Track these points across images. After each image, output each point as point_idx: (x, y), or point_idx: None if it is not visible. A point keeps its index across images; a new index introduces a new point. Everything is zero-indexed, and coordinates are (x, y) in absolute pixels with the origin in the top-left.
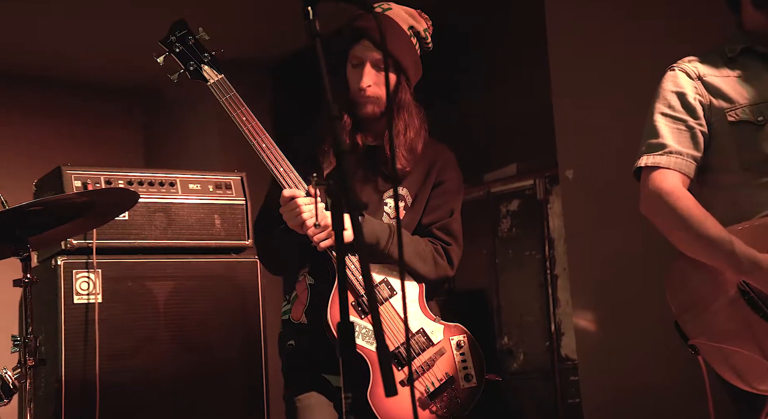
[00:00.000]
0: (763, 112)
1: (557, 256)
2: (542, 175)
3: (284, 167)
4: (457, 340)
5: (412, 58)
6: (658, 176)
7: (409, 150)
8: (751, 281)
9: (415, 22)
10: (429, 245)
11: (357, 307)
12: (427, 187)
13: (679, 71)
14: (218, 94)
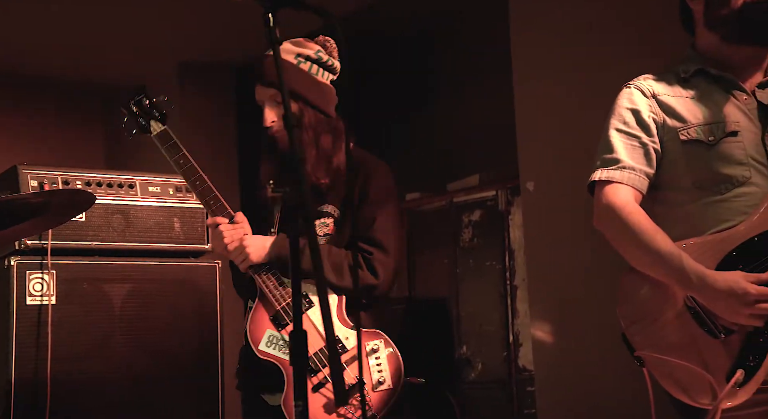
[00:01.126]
0: (714, 132)
1: (517, 267)
2: (504, 186)
3: (213, 197)
4: (372, 345)
5: (304, 82)
6: (611, 190)
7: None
8: (697, 296)
9: (302, 49)
10: (346, 258)
11: (274, 321)
12: (353, 200)
13: (635, 89)
14: (159, 143)
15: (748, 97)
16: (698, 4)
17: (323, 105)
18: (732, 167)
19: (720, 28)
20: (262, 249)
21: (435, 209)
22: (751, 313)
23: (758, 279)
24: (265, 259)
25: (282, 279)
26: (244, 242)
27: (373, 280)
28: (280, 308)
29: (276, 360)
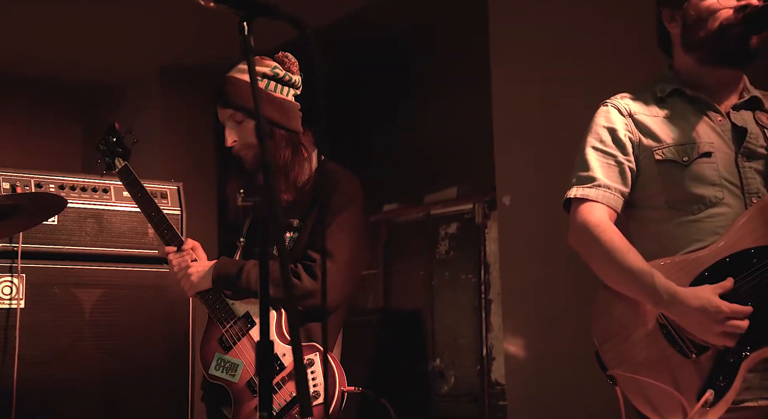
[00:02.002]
0: (688, 152)
1: (492, 281)
2: (481, 199)
3: (166, 227)
4: (308, 359)
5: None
6: (586, 208)
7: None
8: (669, 314)
9: (257, 67)
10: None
11: (221, 343)
12: (313, 213)
13: (612, 107)
14: (121, 178)
15: (723, 118)
16: (675, 27)
17: (282, 120)
18: (705, 187)
19: (697, 51)
20: (205, 275)
21: (412, 220)
22: (722, 331)
23: (723, 287)
24: (208, 283)
25: (226, 302)
26: (189, 269)
27: (312, 285)
28: (224, 331)
29: (224, 383)
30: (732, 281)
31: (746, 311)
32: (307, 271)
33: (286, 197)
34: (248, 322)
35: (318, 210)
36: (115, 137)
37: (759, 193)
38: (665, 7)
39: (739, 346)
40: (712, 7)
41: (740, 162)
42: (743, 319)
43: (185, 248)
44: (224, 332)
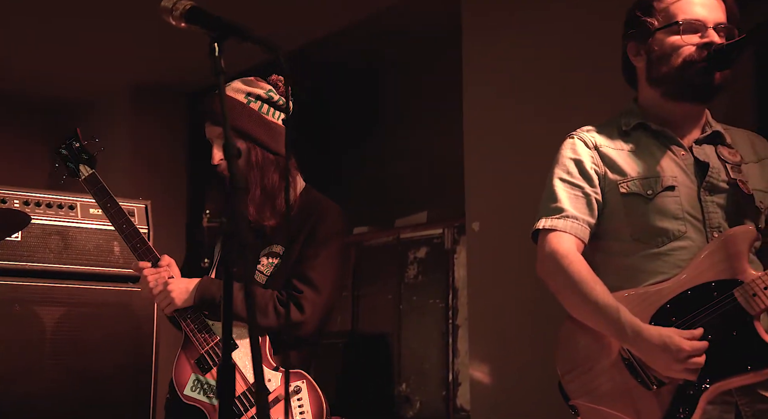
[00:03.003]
0: (653, 186)
1: (460, 306)
2: (451, 224)
3: (138, 240)
4: (295, 386)
5: (252, 122)
6: (554, 238)
7: (265, 207)
8: (632, 349)
9: (253, 88)
10: (272, 298)
11: (199, 364)
12: (299, 242)
13: (578, 140)
14: (88, 187)
15: (686, 152)
16: (640, 61)
17: (272, 144)
18: (668, 221)
19: (661, 85)
20: (185, 292)
21: (382, 244)
22: (684, 368)
23: (692, 336)
24: (190, 302)
25: (206, 322)
26: (168, 286)
27: (299, 317)
28: (203, 352)
29: (200, 405)
30: (702, 331)
31: (704, 347)
32: (294, 302)
33: (270, 224)
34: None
35: (304, 238)
36: (78, 142)
37: (720, 227)
38: (631, 41)
39: (699, 379)
40: (675, 44)
41: (703, 196)
42: (702, 354)
43: (162, 264)
44: (203, 353)
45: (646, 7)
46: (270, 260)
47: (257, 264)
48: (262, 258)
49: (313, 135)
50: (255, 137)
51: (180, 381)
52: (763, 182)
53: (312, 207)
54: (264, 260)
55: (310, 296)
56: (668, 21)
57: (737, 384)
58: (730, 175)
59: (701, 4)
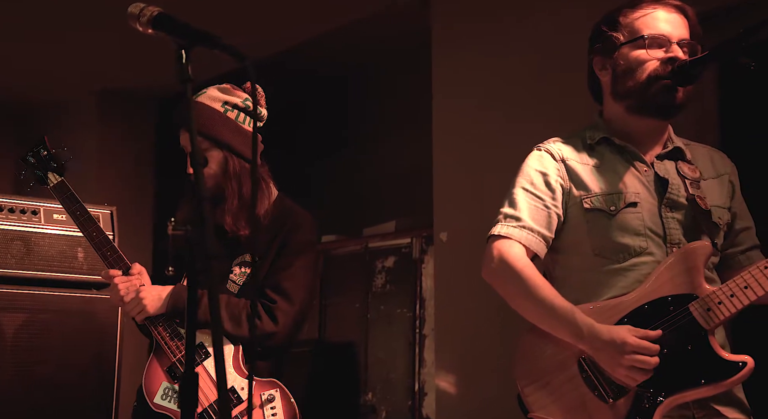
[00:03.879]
0: (615, 202)
1: (427, 316)
2: (419, 234)
3: (109, 248)
4: (268, 395)
5: (229, 132)
6: (505, 244)
7: (241, 216)
8: (588, 350)
9: (229, 97)
10: (245, 307)
11: (170, 372)
12: (272, 251)
13: (545, 152)
14: (56, 194)
15: (648, 168)
16: (606, 75)
17: (248, 153)
18: (630, 237)
19: (625, 99)
20: (158, 300)
21: (350, 252)
22: (629, 364)
23: (645, 335)
24: (162, 310)
25: (178, 330)
26: (140, 293)
27: (271, 328)
28: (175, 360)
29: (171, 413)
30: (660, 332)
31: (653, 348)
32: (267, 312)
33: (245, 233)
34: (203, 353)
35: (277, 247)
36: (46, 150)
37: (680, 243)
38: (596, 55)
39: (655, 392)
40: (640, 58)
41: (663, 213)
42: (651, 356)
43: (133, 273)
44: (175, 361)
45: (611, 22)
46: (243, 269)
47: (230, 273)
48: (234, 267)
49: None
50: (232, 147)
51: (150, 389)
52: (721, 198)
53: (285, 216)
54: (237, 270)
55: (284, 306)
56: (633, 36)
57: (692, 398)
58: (689, 191)
59: (665, 20)
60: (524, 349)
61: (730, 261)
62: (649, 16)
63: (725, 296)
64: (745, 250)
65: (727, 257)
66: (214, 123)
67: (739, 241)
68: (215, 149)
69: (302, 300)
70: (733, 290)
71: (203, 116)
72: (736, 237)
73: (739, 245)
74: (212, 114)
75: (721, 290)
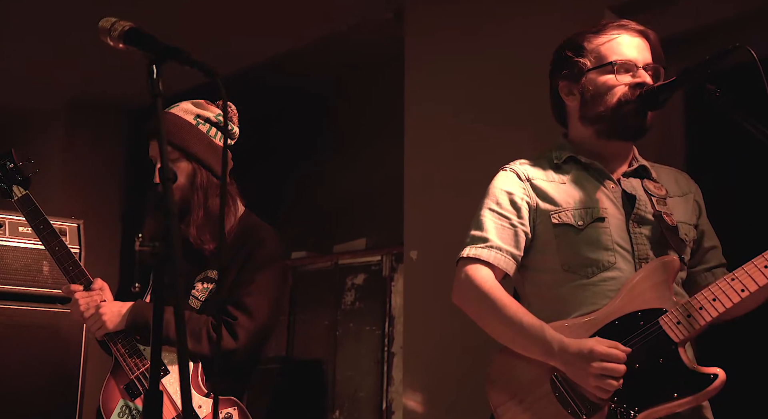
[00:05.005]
0: (583, 217)
1: (396, 334)
2: (390, 252)
3: (71, 263)
4: (226, 413)
5: (200, 144)
6: (473, 266)
7: (205, 230)
8: (560, 365)
9: (202, 111)
10: (206, 324)
11: (128, 390)
12: (235, 267)
13: (510, 172)
14: (20, 208)
15: (615, 185)
16: (573, 100)
17: (218, 168)
18: (599, 251)
19: (594, 123)
20: (117, 316)
21: (319, 269)
22: (597, 373)
23: (614, 345)
24: (121, 326)
25: (137, 347)
26: (100, 309)
27: (232, 345)
28: (133, 377)
29: None
30: (630, 350)
31: (620, 356)
32: (228, 329)
33: (209, 247)
34: (161, 370)
35: (241, 263)
36: (12, 163)
37: (648, 258)
38: (563, 81)
39: (628, 407)
40: (609, 83)
41: (631, 228)
42: (619, 364)
43: (95, 288)
44: (133, 378)
45: (576, 48)
46: (205, 285)
47: (192, 289)
48: (197, 283)
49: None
50: (201, 159)
51: (107, 407)
52: (686, 215)
53: (250, 232)
54: (199, 285)
55: (245, 323)
56: (600, 61)
57: (665, 413)
58: (656, 207)
59: (630, 45)
60: (496, 369)
61: (697, 278)
62: (614, 41)
63: (694, 310)
64: (711, 268)
65: (694, 275)
66: (184, 134)
67: (707, 259)
68: (184, 160)
69: (264, 316)
70: (702, 302)
71: (174, 126)
72: (704, 255)
73: (706, 263)
74: (183, 125)
75: (690, 303)
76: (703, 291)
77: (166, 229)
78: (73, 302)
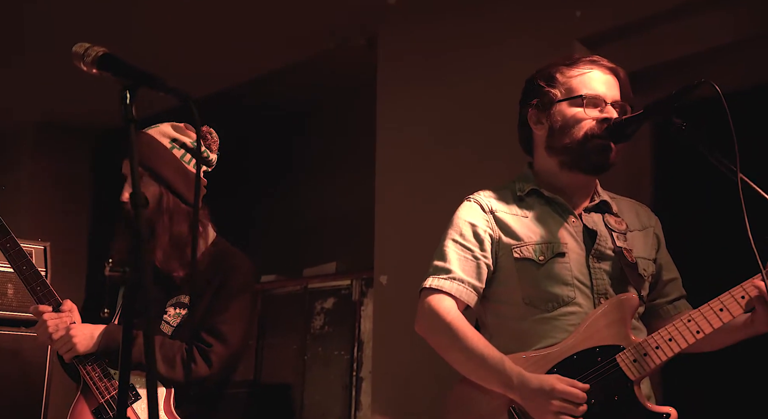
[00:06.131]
0: (544, 252)
1: (365, 359)
2: (360, 276)
3: (39, 283)
4: None
5: (170, 168)
6: (436, 297)
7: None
8: (518, 399)
9: (179, 135)
10: (180, 350)
11: (97, 414)
12: (208, 293)
13: (474, 203)
14: None
15: (576, 220)
16: (541, 129)
17: (187, 194)
18: (559, 286)
19: (560, 155)
20: (89, 339)
21: (289, 293)
22: (556, 410)
23: (573, 384)
24: (93, 349)
25: (108, 371)
26: (71, 331)
27: (206, 371)
28: (103, 401)
29: None
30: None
31: (580, 396)
32: (202, 355)
33: (178, 274)
34: (132, 395)
35: (214, 290)
36: None
37: (607, 294)
38: (532, 109)
39: None
40: (577, 116)
41: (591, 263)
42: (579, 404)
43: (64, 309)
44: (103, 402)
45: (548, 78)
46: (177, 310)
47: (164, 314)
48: (169, 308)
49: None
50: (170, 184)
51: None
52: (646, 250)
53: (223, 259)
54: (171, 311)
55: (219, 350)
56: (570, 94)
57: None
58: (616, 243)
59: (601, 80)
60: (456, 399)
61: (658, 311)
62: (586, 75)
63: (651, 348)
64: (672, 300)
65: (655, 307)
66: (157, 157)
67: (666, 292)
68: (152, 182)
69: (237, 344)
70: (659, 342)
71: (148, 147)
72: (663, 288)
73: (666, 295)
74: (157, 147)
75: (647, 341)
76: (660, 331)
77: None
78: (40, 323)
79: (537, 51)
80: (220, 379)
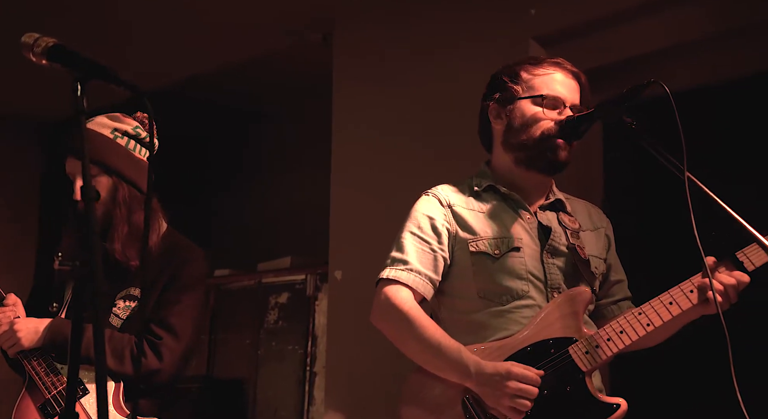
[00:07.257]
0: (499, 246)
1: (319, 353)
2: (314, 271)
3: None
4: None
5: (119, 158)
6: (392, 288)
7: (131, 246)
8: (474, 387)
9: (119, 124)
10: (129, 343)
11: (43, 410)
12: (159, 285)
13: (432, 197)
14: None
15: (531, 216)
16: (500, 124)
17: (139, 181)
18: (513, 280)
19: (515, 151)
20: (34, 333)
21: (243, 287)
22: (511, 393)
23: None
24: (38, 343)
25: (54, 365)
26: (15, 325)
27: (156, 365)
28: (50, 396)
29: None
30: (543, 372)
31: (535, 378)
32: (152, 349)
33: (134, 264)
34: (80, 389)
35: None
36: None
37: (560, 288)
38: (494, 103)
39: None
40: (536, 116)
41: (545, 258)
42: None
43: (8, 303)
44: (50, 397)
45: (512, 74)
46: (127, 303)
47: (113, 307)
48: (118, 301)
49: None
50: (122, 173)
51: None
52: (597, 249)
53: (175, 251)
54: (120, 303)
55: (170, 343)
56: (532, 92)
57: None
58: (570, 240)
59: (562, 83)
60: (410, 389)
61: (603, 311)
62: (549, 76)
63: (602, 340)
64: (617, 301)
65: (600, 307)
66: (103, 149)
67: (612, 292)
68: (104, 175)
69: (189, 337)
70: (610, 334)
71: (92, 142)
72: (609, 289)
73: (612, 296)
74: (101, 140)
75: (599, 334)
76: (611, 323)
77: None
78: None
79: (492, 49)
80: (171, 373)
